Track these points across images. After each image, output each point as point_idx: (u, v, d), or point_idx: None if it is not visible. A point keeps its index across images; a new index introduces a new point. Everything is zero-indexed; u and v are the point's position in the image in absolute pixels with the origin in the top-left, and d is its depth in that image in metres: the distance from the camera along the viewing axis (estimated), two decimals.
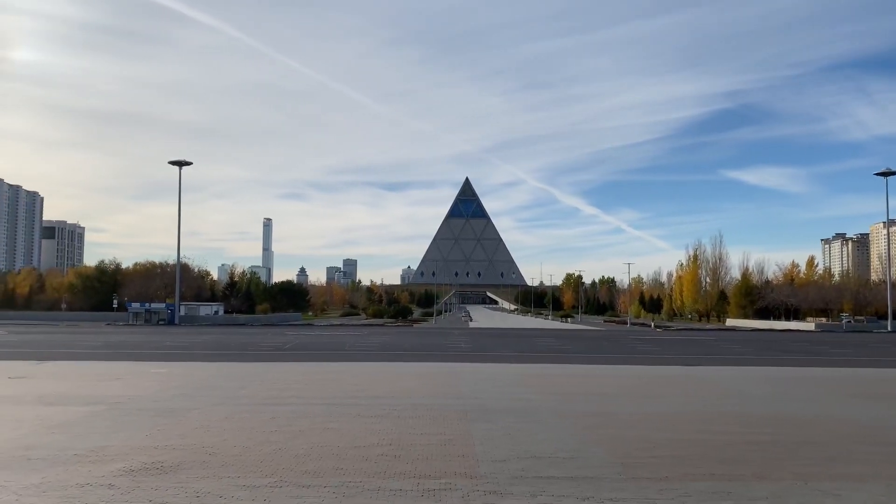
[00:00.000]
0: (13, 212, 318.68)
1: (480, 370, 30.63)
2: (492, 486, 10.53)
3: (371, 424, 15.97)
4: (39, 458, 12.26)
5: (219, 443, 13.70)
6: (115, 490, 10.16)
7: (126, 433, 14.75)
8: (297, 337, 61.65)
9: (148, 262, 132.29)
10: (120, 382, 24.35)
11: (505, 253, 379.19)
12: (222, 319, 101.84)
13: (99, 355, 38.17)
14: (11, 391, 21.65)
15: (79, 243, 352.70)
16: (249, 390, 22.55)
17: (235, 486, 10.45)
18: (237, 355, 39.22)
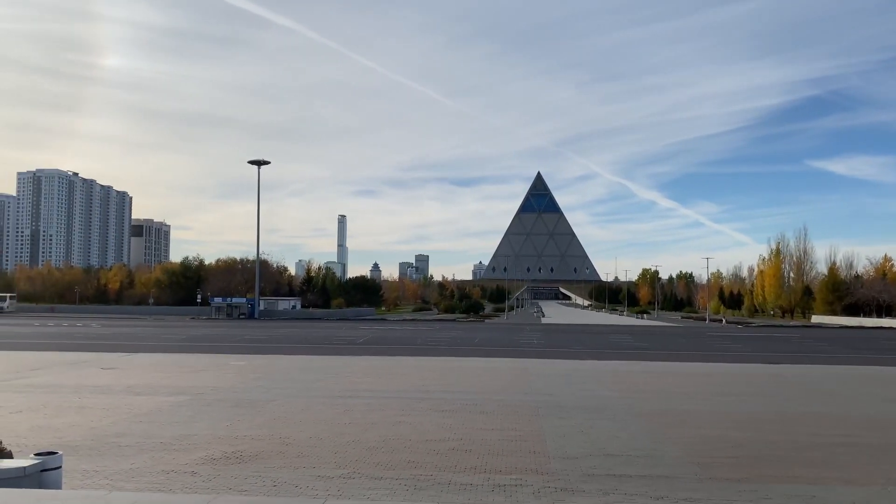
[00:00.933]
0: (105, 211, 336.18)
1: (553, 366, 30.37)
2: (563, 482, 10.44)
3: (442, 419, 16.09)
4: (129, 445, 12.90)
5: (295, 434, 14.09)
6: (198, 477, 10.59)
7: (208, 423, 15.35)
8: (370, 331, 62.68)
9: (229, 259, 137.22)
10: (202, 374, 25.34)
11: (578, 248, 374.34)
12: (299, 314, 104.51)
13: (183, 348, 39.85)
14: (104, 381, 22.85)
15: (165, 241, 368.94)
16: (325, 383, 23.07)
17: (310, 476, 10.72)
18: (313, 349, 40.18)
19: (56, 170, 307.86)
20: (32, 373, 25.00)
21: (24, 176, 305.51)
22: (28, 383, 22.07)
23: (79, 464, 11.08)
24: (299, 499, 8.98)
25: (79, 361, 29.67)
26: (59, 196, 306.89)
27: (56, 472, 8.70)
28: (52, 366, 27.63)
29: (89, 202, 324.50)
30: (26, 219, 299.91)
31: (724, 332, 71.36)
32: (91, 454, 12.01)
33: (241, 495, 9.32)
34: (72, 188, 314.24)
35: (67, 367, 27.44)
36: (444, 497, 9.63)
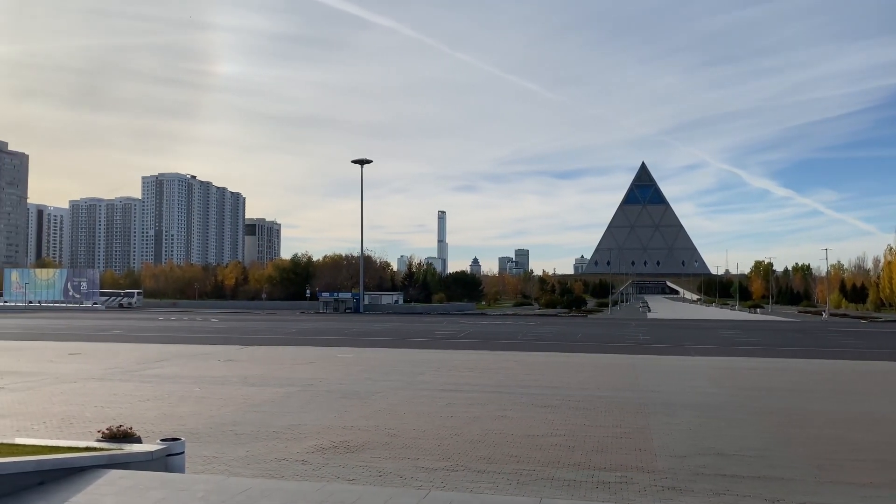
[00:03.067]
0: (220, 211, 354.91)
1: (660, 363, 29.51)
2: (671, 481, 10.14)
3: (545, 414, 15.98)
4: (244, 433, 13.59)
5: (400, 425, 14.39)
6: (308, 466, 11.01)
7: (317, 413, 15.94)
8: (471, 326, 63.02)
9: (335, 255, 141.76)
10: (311, 366, 26.32)
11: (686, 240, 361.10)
12: (402, 308, 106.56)
13: (294, 341, 41.49)
14: (221, 372, 24.16)
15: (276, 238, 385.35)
16: (428, 376, 23.42)
17: (415, 467, 10.92)
18: (416, 342, 40.86)
19: (176, 173, 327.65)
20: (157, 364, 26.77)
21: (147, 180, 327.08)
22: (154, 373, 23.66)
23: (200, 450, 11.76)
24: (404, 489, 9.16)
25: (199, 354, 31.52)
26: (180, 198, 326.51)
27: (179, 457, 9.31)
28: (175, 357, 29.49)
29: (206, 203, 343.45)
30: (151, 220, 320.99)
31: (845, 328, 66.95)
32: (210, 441, 12.73)
33: (348, 483, 9.62)
34: (190, 190, 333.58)
35: (189, 358, 29.20)
36: (547, 492, 9.56)
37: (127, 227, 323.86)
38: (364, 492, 8.04)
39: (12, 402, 17.36)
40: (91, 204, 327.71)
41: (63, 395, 18.41)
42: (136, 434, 9.82)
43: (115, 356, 29.85)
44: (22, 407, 16.57)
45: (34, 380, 21.60)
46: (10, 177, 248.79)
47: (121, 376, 22.81)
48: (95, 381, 21.38)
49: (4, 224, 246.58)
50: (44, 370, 24.23)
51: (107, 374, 23.22)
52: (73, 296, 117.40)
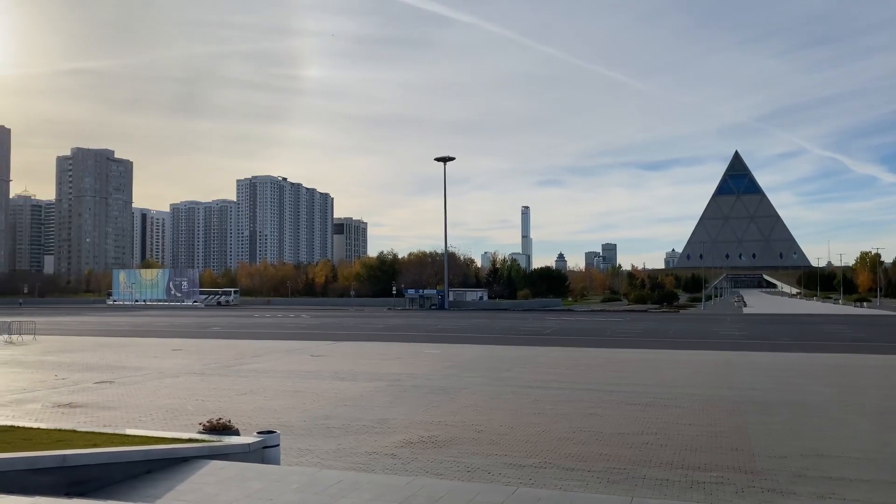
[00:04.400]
0: (310, 211, 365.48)
1: (756, 359, 28.31)
2: (770, 483, 9.70)
3: (635, 412, 15.62)
4: (336, 427, 13.93)
5: (487, 421, 14.40)
6: (397, 460, 11.18)
7: (405, 408, 16.16)
8: (557, 322, 62.38)
9: (420, 252, 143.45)
10: (399, 361, 26.72)
11: (783, 231, 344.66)
12: (486, 304, 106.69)
13: (381, 337, 42.26)
14: (313, 367, 24.88)
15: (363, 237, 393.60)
16: (514, 372, 23.34)
17: (503, 463, 10.90)
18: (501, 339, 40.80)
19: (268, 176, 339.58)
20: (254, 359, 27.84)
21: (242, 183, 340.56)
22: (250, 368, 24.61)
23: (294, 442, 12.15)
24: (492, 485, 9.16)
25: (292, 349, 32.57)
26: (272, 199, 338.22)
27: (275, 449, 9.64)
28: (270, 353, 30.58)
29: (297, 204, 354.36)
30: (245, 221, 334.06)
31: None
32: (304, 434, 13.12)
33: (437, 478, 9.70)
34: (282, 192, 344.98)
35: (282, 354, 30.23)
36: (638, 491, 9.35)
37: (223, 228, 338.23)
38: (453, 486, 8.09)
39: (121, 395, 18.46)
40: (190, 207, 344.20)
41: (167, 389, 19.42)
42: (234, 427, 10.24)
43: (214, 352, 31.25)
44: (130, 399, 17.59)
45: (140, 374, 22.89)
46: (116, 183, 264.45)
47: (219, 371, 23.85)
48: (196, 376, 22.44)
49: (112, 228, 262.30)
50: (149, 365, 25.64)
51: (206, 369, 24.34)
52: (174, 295, 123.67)
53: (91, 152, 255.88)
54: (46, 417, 14.52)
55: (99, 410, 15.84)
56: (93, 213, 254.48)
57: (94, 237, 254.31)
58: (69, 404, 16.73)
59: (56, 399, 17.56)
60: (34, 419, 13.54)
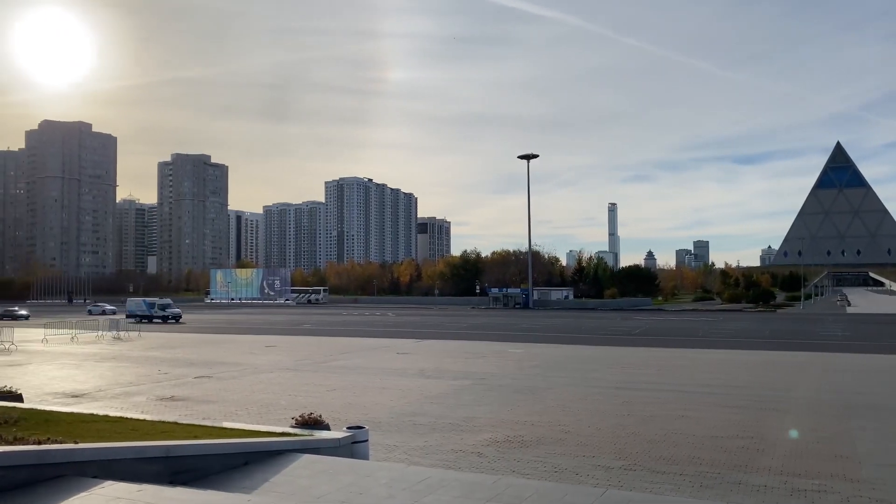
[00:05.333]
0: (395, 211, 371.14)
1: (863, 362, 26.74)
2: (879, 493, 9.13)
3: (729, 415, 15.05)
4: (422, 424, 14.08)
5: (574, 422, 14.21)
6: (483, 458, 11.19)
7: (490, 407, 16.16)
8: (646, 322, 60.86)
9: (503, 251, 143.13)
10: (483, 360, 26.74)
11: (892, 226, 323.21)
12: (572, 303, 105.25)
13: (465, 335, 42.41)
14: (399, 365, 25.25)
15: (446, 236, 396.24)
16: (601, 373, 22.94)
17: (591, 465, 10.73)
18: (588, 339, 40.17)
19: (355, 177, 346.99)
20: (342, 356, 28.52)
21: (329, 184, 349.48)
22: (339, 365, 25.22)
23: (381, 438, 12.35)
24: (581, 486, 9.03)
25: (378, 347, 33.17)
26: (358, 200, 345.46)
27: (364, 444, 9.83)
28: (358, 350, 31.24)
29: (382, 204, 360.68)
30: (333, 222, 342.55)
31: None
32: (391, 430, 13.33)
33: (523, 478, 9.65)
34: (368, 193, 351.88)
35: (369, 351, 30.83)
36: (733, 497, 9.00)
37: (313, 228, 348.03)
38: (540, 487, 8.02)
39: (219, 389, 19.28)
40: (282, 208, 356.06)
41: (261, 384, 20.15)
42: (325, 422, 10.51)
43: (305, 349, 32.20)
44: (227, 394, 18.36)
45: (237, 370, 23.85)
46: (213, 186, 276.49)
47: (310, 367, 24.55)
48: (288, 372, 23.19)
49: (209, 229, 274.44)
50: (244, 361, 26.67)
51: (298, 365, 25.10)
52: (267, 293, 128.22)
53: (189, 158, 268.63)
54: (151, 410, 15.34)
55: (198, 404, 16.61)
56: (191, 215, 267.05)
57: (193, 238, 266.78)
58: (171, 397, 17.62)
59: (159, 392, 18.54)
60: (140, 411, 14.32)
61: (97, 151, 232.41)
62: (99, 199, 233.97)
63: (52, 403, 15.01)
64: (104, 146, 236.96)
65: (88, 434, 8.48)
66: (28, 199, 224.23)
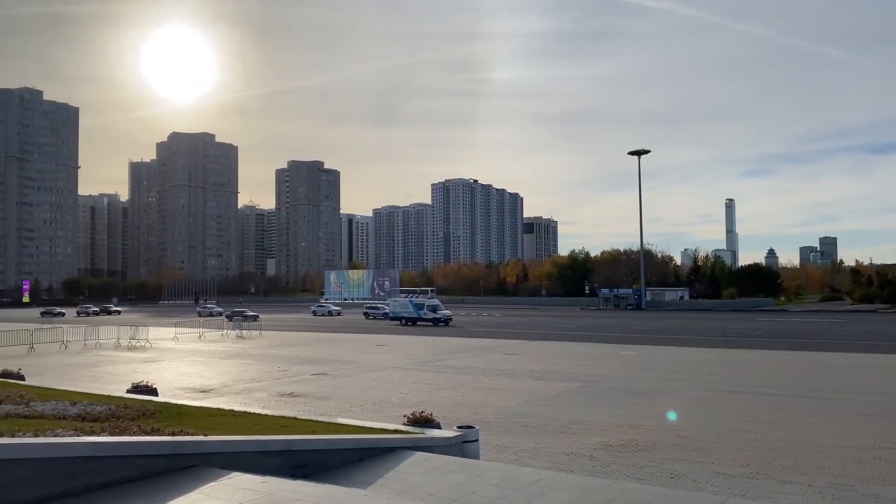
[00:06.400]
0: (500, 212, 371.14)
1: None
2: None
3: (864, 423, 14.02)
4: (532, 425, 13.98)
5: (690, 427, 13.69)
6: (596, 462, 10.97)
7: (602, 409, 15.82)
8: (768, 323, 57.77)
9: (613, 250, 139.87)
10: (594, 362, 26.24)
11: None
12: (687, 304, 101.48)
13: (574, 336, 41.79)
14: (507, 365, 25.21)
15: (553, 236, 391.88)
16: (719, 377, 21.97)
17: (710, 471, 10.29)
18: (704, 340, 38.59)
19: (460, 179, 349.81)
20: (450, 356, 28.81)
21: (436, 186, 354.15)
22: (447, 364, 25.49)
23: (491, 438, 12.36)
24: (700, 493, 8.68)
25: (486, 347, 33.26)
26: (464, 201, 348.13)
27: (474, 444, 9.87)
28: (465, 350, 31.46)
29: (487, 205, 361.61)
30: (439, 223, 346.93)
31: None
32: (501, 431, 13.32)
33: (638, 483, 9.38)
34: (473, 193, 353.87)
35: (477, 351, 30.97)
36: None
37: (420, 230, 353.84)
38: (656, 493, 7.77)
39: (334, 386, 19.96)
40: (390, 211, 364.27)
41: (373, 382, 20.68)
42: (435, 420, 10.64)
43: (414, 348, 32.77)
44: (342, 391, 18.97)
45: (350, 368, 24.60)
46: (326, 191, 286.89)
47: (419, 366, 24.96)
48: (399, 371, 23.68)
49: (323, 232, 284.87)
50: (358, 359, 27.47)
51: (408, 364, 25.59)
52: (378, 293, 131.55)
53: (304, 164, 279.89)
54: (272, 405, 16.08)
55: (315, 400, 17.26)
56: (306, 219, 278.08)
57: (308, 241, 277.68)
58: (290, 393, 18.40)
59: (279, 389, 19.41)
60: (262, 406, 15.04)
61: (220, 160, 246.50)
62: (222, 206, 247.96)
63: (183, 398, 16.03)
64: (226, 155, 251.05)
65: (216, 427, 8.99)
66: (159, 206, 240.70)
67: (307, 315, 78.63)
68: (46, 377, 19.78)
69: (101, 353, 30.96)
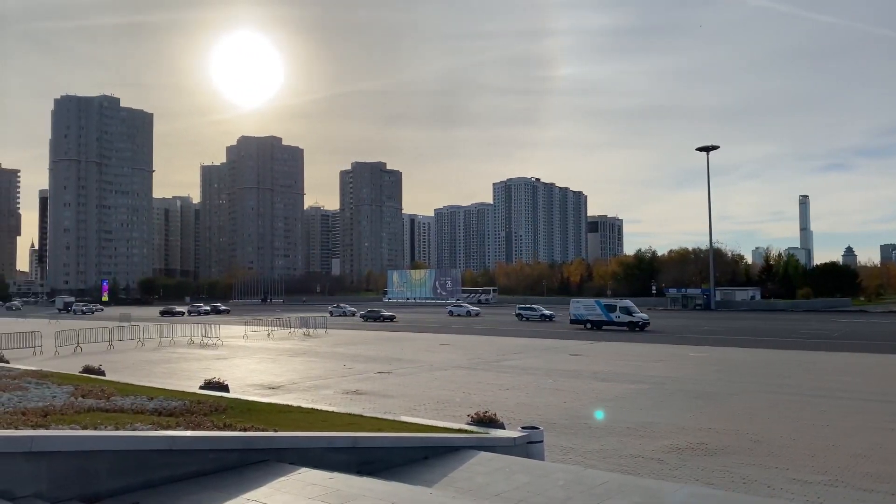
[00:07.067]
0: (563, 211, 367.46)
1: None
2: None
3: None
4: (598, 427, 13.80)
5: (763, 431, 13.25)
6: (664, 465, 10.74)
7: (670, 412, 15.48)
8: (845, 324, 55.38)
9: (681, 249, 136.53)
10: (661, 364, 25.68)
11: None
12: (759, 304, 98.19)
13: (640, 338, 40.97)
14: (572, 366, 24.93)
15: (618, 234, 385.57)
16: (794, 379, 21.20)
17: (784, 478, 9.94)
18: (777, 342, 37.28)
19: (522, 178, 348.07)
20: (514, 356, 28.69)
21: (497, 186, 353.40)
22: (511, 364, 25.39)
23: (556, 440, 12.26)
24: (774, 500, 8.40)
25: (550, 347, 32.98)
26: (526, 200, 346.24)
27: (539, 445, 9.81)
28: (529, 350, 31.27)
29: (550, 203, 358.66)
30: (501, 223, 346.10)
31: None
32: (566, 432, 13.19)
33: (709, 487, 9.14)
34: (535, 192, 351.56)
35: (541, 352, 30.74)
36: None
37: (481, 229, 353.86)
38: (728, 498, 7.56)
39: (398, 385, 20.15)
40: (451, 211, 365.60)
41: (436, 381, 20.79)
42: (500, 420, 10.62)
43: (477, 348, 32.77)
44: (405, 389, 19.13)
45: (414, 367, 24.79)
46: (388, 192, 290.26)
47: (483, 366, 24.95)
48: (462, 370, 23.72)
49: (386, 232, 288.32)
50: (421, 358, 27.66)
51: (471, 364, 25.61)
52: (439, 293, 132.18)
53: (367, 165, 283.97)
54: (338, 402, 16.36)
55: (380, 398, 17.47)
56: (370, 219, 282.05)
57: (371, 241, 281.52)
58: (356, 391, 18.68)
59: (345, 386, 19.72)
60: (328, 403, 15.32)
61: (287, 163, 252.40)
62: (289, 207, 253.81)
63: (253, 394, 16.48)
64: (293, 158, 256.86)
65: (285, 423, 9.21)
66: (229, 208, 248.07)
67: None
68: (124, 373, 20.65)
69: (175, 351, 32.12)
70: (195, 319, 60.26)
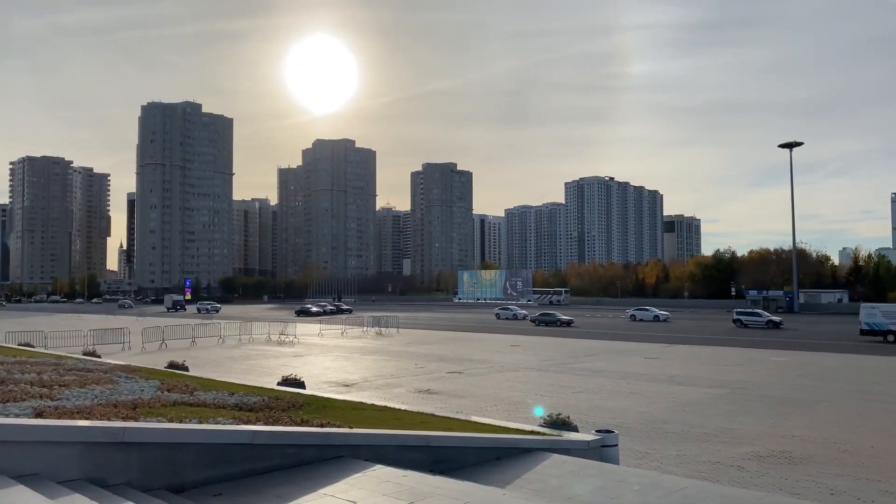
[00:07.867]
0: (638, 210, 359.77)
1: None
2: None
3: None
4: (674, 432, 13.45)
5: (853, 440, 12.63)
6: (745, 472, 10.38)
7: (751, 418, 14.94)
8: None
9: (762, 250, 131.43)
10: (741, 368, 24.82)
11: None
12: (846, 307, 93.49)
13: (719, 341, 39.74)
14: (647, 370, 24.39)
15: (695, 234, 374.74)
16: (885, 386, 20.13)
17: (876, 489, 9.45)
18: (866, 347, 35.40)
19: (595, 177, 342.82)
20: (587, 358, 28.29)
21: (569, 185, 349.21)
22: (584, 367, 25.04)
23: (631, 444, 12.02)
24: None
25: (624, 350, 32.37)
26: (599, 200, 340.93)
27: (613, 449, 9.65)
28: (602, 353, 30.77)
29: (624, 203, 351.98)
30: (573, 222, 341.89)
31: None
32: (641, 436, 12.92)
33: (794, 497, 8.78)
34: (608, 192, 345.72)
35: (614, 354, 30.20)
36: None
37: (553, 229, 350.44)
38: None
39: (468, 385, 20.18)
40: (522, 211, 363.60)
41: (507, 382, 20.71)
42: (573, 423, 10.49)
43: (549, 349, 32.47)
44: (476, 390, 19.15)
45: (484, 367, 24.78)
46: (458, 192, 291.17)
47: (554, 368, 24.71)
48: (533, 372, 23.56)
49: (456, 233, 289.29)
50: (491, 359, 27.62)
51: (542, 366, 25.40)
52: (510, 294, 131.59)
53: (437, 166, 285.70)
54: (410, 401, 16.52)
55: (451, 398, 17.54)
56: (440, 220, 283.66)
57: (442, 242, 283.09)
58: (427, 390, 18.82)
59: (417, 385, 19.90)
60: (401, 402, 15.49)
61: (360, 165, 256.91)
62: (362, 208, 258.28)
63: (328, 391, 16.82)
64: (365, 160, 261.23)
65: (359, 420, 9.36)
66: (305, 209, 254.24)
67: (441, 314, 79.93)
68: (206, 369, 21.45)
69: (254, 348, 33.15)
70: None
